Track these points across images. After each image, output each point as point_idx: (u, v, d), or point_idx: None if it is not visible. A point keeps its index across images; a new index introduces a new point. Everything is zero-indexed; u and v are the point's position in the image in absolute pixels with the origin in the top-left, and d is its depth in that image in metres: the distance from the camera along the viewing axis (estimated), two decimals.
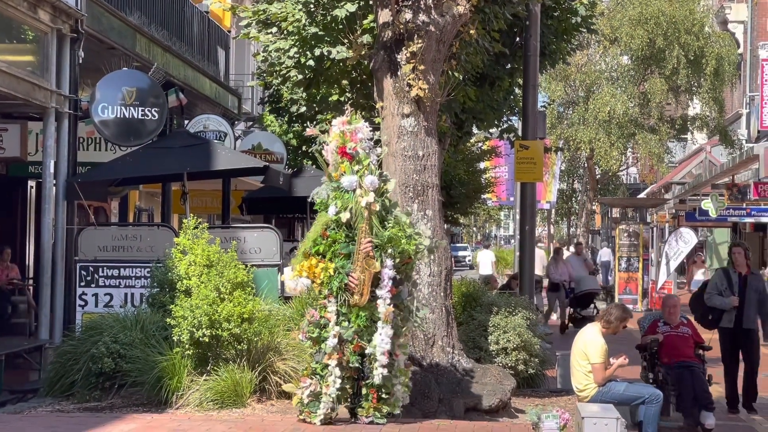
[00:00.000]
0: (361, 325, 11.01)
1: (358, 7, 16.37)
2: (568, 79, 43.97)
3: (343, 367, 11.08)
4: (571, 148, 45.25)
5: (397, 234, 11.03)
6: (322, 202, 11.34)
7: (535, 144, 21.82)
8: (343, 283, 11.01)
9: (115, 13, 19.38)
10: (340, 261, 11.08)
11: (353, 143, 11.26)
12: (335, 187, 11.27)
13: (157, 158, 18.05)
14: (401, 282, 11.25)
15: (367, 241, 10.99)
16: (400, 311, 11.18)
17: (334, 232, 11.18)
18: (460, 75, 15.38)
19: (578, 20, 21.79)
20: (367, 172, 11.19)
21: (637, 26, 42.11)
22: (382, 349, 10.98)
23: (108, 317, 13.67)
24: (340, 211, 11.12)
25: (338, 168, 11.32)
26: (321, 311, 11.17)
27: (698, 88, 43.91)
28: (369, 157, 11.30)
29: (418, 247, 11.20)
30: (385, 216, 11.17)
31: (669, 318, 14.36)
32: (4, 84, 15.81)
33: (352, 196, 11.10)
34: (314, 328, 11.22)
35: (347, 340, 11.05)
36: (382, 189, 11.23)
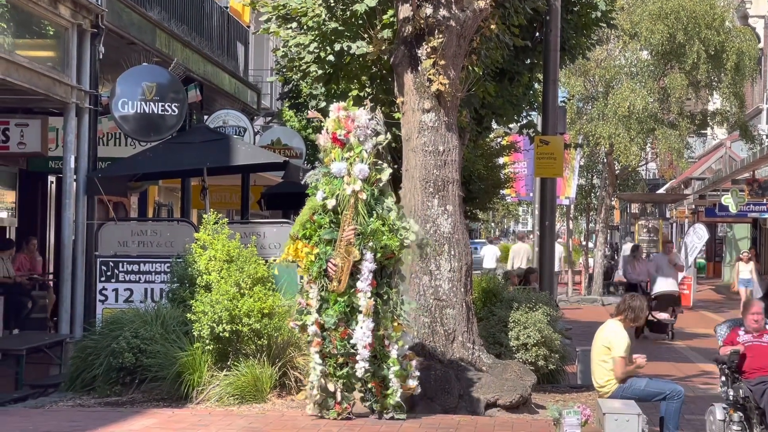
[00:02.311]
0: (340, 311, 11.01)
1: (378, 2, 16.36)
2: (587, 75, 43.82)
3: (328, 355, 11.07)
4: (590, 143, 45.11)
5: (379, 228, 11.01)
6: (313, 187, 11.37)
7: (555, 139, 21.79)
8: (323, 268, 11.02)
9: (135, 9, 19.41)
10: (322, 246, 11.08)
11: (344, 130, 11.26)
12: (326, 172, 11.29)
13: (177, 153, 18.08)
14: (390, 275, 11.25)
15: (350, 228, 10.99)
16: (384, 303, 11.15)
17: (320, 217, 11.20)
18: (480, 70, 15.37)
19: (598, 15, 21.76)
20: (358, 160, 11.17)
21: (657, 21, 41.97)
22: (364, 342, 10.97)
23: (128, 312, 13.70)
24: (327, 196, 11.14)
25: (330, 154, 11.34)
26: (305, 297, 11.21)
27: (718, 83, 43.76)
28: (362, 145, 11.26)
29: (402, 242, 11.16)
30: (374, 206, 11.14)
31: (751, 325, 12.63)
32: (24, 79, 15.84)
33: (340, 182, 11.10)
34: (300, 316, 11.26)
35: (331, 328, 11.05)
36: (373, 178, 11.20)
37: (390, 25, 15.43)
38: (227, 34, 26.62)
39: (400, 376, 11.25)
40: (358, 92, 17.36)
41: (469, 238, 14.18)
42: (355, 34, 16.95)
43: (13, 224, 24.35)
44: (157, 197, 30.21)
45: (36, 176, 23.14)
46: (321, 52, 17.47)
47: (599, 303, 39.86)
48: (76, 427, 10.78)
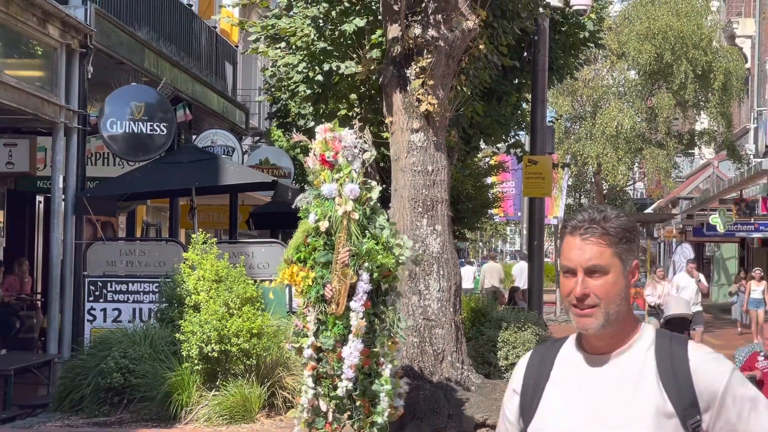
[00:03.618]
0: (340, 334, 11.01)
1: (367, 22, 16.40)
2: (575, 94, 43.95)
3: (323, 376, 11.06)
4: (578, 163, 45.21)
5: (374, 247, 10.99)
6: (305, 209, 11.36)
7: (543, 159, 21.82)
8: (320, 293, 11.02)
9: (123, 29, 19.43)
10: (319, 270, 11.07)
11: (332, 151, 11.26)
12: (316, 194, 11.28)
13: (166, 173, 18.08)
14: (385, 293, 11.24)
15: (345, 250, 10.97)
16: (381, 322, 11.14)
17: (314, 239, 11.18)
18: (469, 90, 15.40)
19: (586, 35, 21.85)
20: (348, 180, 11.17)
21: (644, 41, 42.12)
22: (349, 363, 10.95)
23: (117, 332, 13.68)
24: (319, 219, 11.11)
25: (319, 176, 11.34)
26: (302, 320, 11.20)
27: (706, 102, 43.92)
28: (351, 165, 11.27)
29: (398, 259, 11.16)
30: (367, 225, 11.14)
31: None
32: (13, 99, 15.84)
33: (331, 204, 11.10)
34: (297, 338, 11.25)
35: (328, 350, 11.05)
36: (364, 197, 11.19)
37: (378, 45, 15.47)
38: (216, 54, 26.66)
39: (390, 395, 11.23)
40: (346, 112, 17.40)
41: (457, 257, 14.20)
42: (344, 54, 16.98)
43: (0, 245, 24.32)
44: (146, 217, 30.19)
45: (24, 196, 23.10)
46: (310, 72, 17.49)
47: None
48: None
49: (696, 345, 3.32)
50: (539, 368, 3.32)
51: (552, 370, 3.30)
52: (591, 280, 3.21)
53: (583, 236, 3.25)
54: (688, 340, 3.31)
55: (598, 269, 3.22)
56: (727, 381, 3.21)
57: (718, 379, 3.21)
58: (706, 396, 3.19)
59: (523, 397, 3.31)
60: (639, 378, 3.20)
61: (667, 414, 3.15)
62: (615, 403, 3.17)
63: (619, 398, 3.17)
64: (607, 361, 3.24)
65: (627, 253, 3.28)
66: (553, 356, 3.33)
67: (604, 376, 3.22)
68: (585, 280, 3.21)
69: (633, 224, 3.32)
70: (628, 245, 3.28)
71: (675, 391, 3.16)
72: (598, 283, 3.21)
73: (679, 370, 3.20)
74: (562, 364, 3.30)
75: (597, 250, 3.23)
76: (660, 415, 3.15)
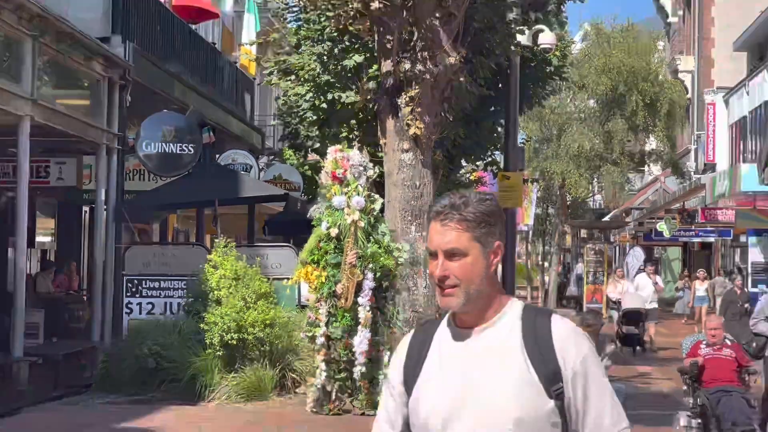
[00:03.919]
0: (347, 325, 11.00)
1: (364, 58, 16.42)
2: (543, 120, 43.90)
3: (332, 361, 11.04)
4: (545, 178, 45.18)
5: (377, 251, 11.02)
6: (318, 218, 11.37)
7: (515, 175, 21.80)
8: (332, 289, 11.01)
9: (157, 64, 19.41)
10: (330, 270, 11.07)
11: (342, 168, 11.28)
12: (328, 206, 11.29)
13: (193, 187, 18.05)
14: (386, 290, 11.23)
15: (353, 253, 10.98)
16: (382, 315, 11.14)
17: (326, 244, 11.19)
18: (451, 116, 15.38)
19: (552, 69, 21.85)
20: (355, 194, 11.19)
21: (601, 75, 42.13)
22: (361, 350, 10.96)
23: (150, 323, 13.66)
24: (330, 226, 11.13)
25: (330, 190, 11.35)
26: (315, 313, 11.19)
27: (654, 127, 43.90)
28: (357, 180, 11.28)
29: (398, 261, 11.19)
30: (371, 231, 11.14)
31: (710, 340, 12.00)
32: (63, 124, 15.82)
33: (341, 214, 11.10)
34: (310, 328, 11.23)
35: (337, 339, 11.04)
36: (368, 208, 11.21)
37: (374, 77, 15.46)
38: (236, 85, 26.62)
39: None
40: (347, 135, 17.40)
41: None
42: (345, 86, 16.99)
43: (53, 248, 24.30)
44: (176, 224, 30.11)
45: (72, 207, 23.06)
46: (315, 101, 17.51)
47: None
48: (105, 420, 10.73)
49: (559, 318, 3.13)
50: (420, 343, 3.15)
51: (431, 344, 3.12)
52: (451, 262, 3.02)
53: (443, 221, 3.05)
54: (553, 313, 3.14)
55: (457, 252, 3.02)
56: (584, 358, 3.04)
57: (576, 353, 3.03)
58: (568, 366, 3.02)
59: (406, 369, 3.14)
60: (505, 348, 3.02)
61: (531, 381, 2.98)
62: (483, 373, 3.00)
63: (487, 368, 3.00)
64: (475, 334, 3.06)
65: (487, 236, 3.06)
66: (433, 332, 3.14)
67: (472, 348, 3.04)
68: (445, 263, 3.02)
69: (493, 209, 3.11)
70: (488, 228, 3.06)
71: (539, 359, 3.00)
72: (457, 265, 3.01)
73: (543, 341, 3.03)
74: (439, 339, 3.11)
75: (455, 234, 3.03)
76: (524, 382, 2.98)
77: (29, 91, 14.44)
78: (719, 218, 36.08)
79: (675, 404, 15.25)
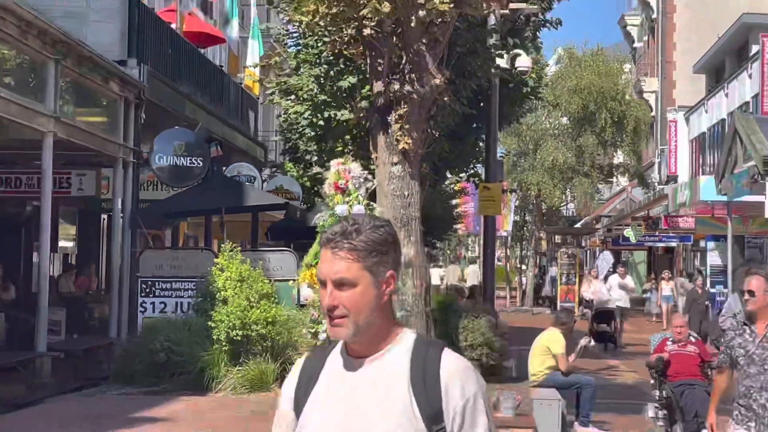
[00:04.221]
0: None
1: (358, 79, 16.41)
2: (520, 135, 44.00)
3: None
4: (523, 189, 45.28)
5: None
6: (322, 225, 11.36)
7: (495, 186, 21.84)
8: None
9: (169, 84, 19.39)
10: None
11: (344, 180, 11.27)
12: (331, 213, 11.27)
13: (201, 197, 18.03)
14: None
15: None
16: None
17: None
18: (437, 132, 15.39)
19: (528, 90, 21.88)
20: (356, 202, 11.18)
21: (573, 94, 42.25)
22: None
23: (162, 321, 13.63)
24: None
25: (333, 199, 11.34)
26: (317, 311, 11.16)
27: (621, 142, 44.03)
28: (358, 190, 11.28)
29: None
30: None
31: (677, 337, 12.02)
32: (83, 139, 15.80)
33: None
34: (313, 325, 11.21)
35: None
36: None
37: (367, 97, 15.44)
38: (241, 104, 26.60)
39: None
40: (342, 149, 17.40)
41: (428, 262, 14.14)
42: (340, 105, 16.98)
43: (74, 252, 24.28)
44: (186, 230, 30.07)
45: (91, 215, 23.03)
46: (313, 118, 17.49)
47: (530, 312, 39.85)
48: (121, 409, 10.69)
49: (451, 354, 2.78)
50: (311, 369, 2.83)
51: (321, 371, 2.80)
52: (340, 292, 2.70)
53: (333, 250, 2.72)
54: (445, 348, 2.79)
55: (346, 282, 2.69)
56: (469, 400, 2.69)
57: (461, 394, 2.69)
58: (450, 407, 2.68)
59: (297, 393, 2.84)
60: (392, 381, 2.69)
61: (412, 419, 2.65)
62: (366, 406, 2.68)
63: (371, 401, 2.68)
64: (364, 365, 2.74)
65: (378, 265, 2.72)
66: (324, 359, 2.83)
67: (360, 379, 2.72)
68: (334, 292, 2.70)
69: (387, 237, 2.76)
70: (380, 258, 2.73)
71: (423, 396, 2.66)
72: (346, 295, 2.69)
73: (430, 377, 2.69)
74: (329, 366, 2.80)
75: (345, 264, 2.70)
76: (405, 419, 2.65)
77: (52, 109, 14.43)
78: (681, 225, 36.13)
79: (640, 394, 15.27)
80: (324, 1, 12.21)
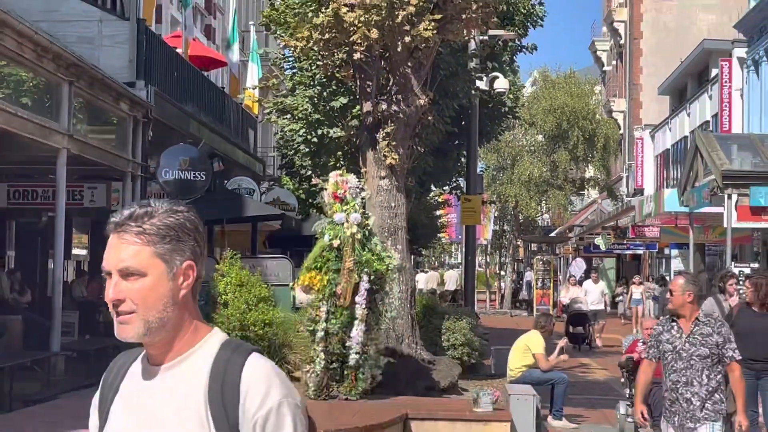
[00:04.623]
0: (344, 321, 10.98)
1: (348, 100, 16.45)
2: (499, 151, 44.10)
3: (329, 353, 11.01)
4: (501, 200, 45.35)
5: (371, 258, 11.03)
6: (321, 232, 11.35)
7: (475, 198, 21.88)
8: (333, 290, 11.00)
9: (174, 104, 19.38)
10: (331, 274, 11.06)
11: (343, 190, 11.28)
12: (330, 221, 11.27)
13: (204, 208, 17.96)
14: (377, 291, 11.22)
15: (351, 260, 10.97)
16: (373, 313, 11.13)
17: (328, 253, 11.16)
18: (422, 148, 15.43)
19: (506, 110, 21.92)
20: (353, 211, 11.19)
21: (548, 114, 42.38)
22: (357, 341, 10.94)
23: None
24: (332, 238, 11.10)
25: (332, 207, 11.34)
26: (315, 310, 11.15)
27: (592, 158, 44.16)
28: (355, 200, 11.30)
29: (389, 266, 11.19)
30: (365, 243, 11.15)
31: (647, 338, 11.23)
32: (95, 155, 15.79)
33: (341, 228, 11.09)
34: (311, 323, 11.20)
35: (333, 333, 11.01)
36: (364, 223, 11.22)
37: (357, 116, 15.49)
38: (241, 122, 26.59)
39: (375, 367, 11.22)
40: (335, 164, 17.42)
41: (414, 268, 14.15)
42: (333, 123, 17.01)
43: (86, 259, 24.23)
44: None
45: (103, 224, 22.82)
46: (308, 136, 17.51)
47: (508, 315, 39.89)
48: None
49: (257, 360, 2.21)
50: (114, 377, 2.36)
51: (122, 380, 2.32)
52: (127, 283, 2.18)
53: (120, 234, 2.22)
54: (253, 354, 2.22)
55: (134, 271, 2.17)
56: (271, 412, 2.15)
57: (262, 404, 2.15)
58: (248, 418, 2.15)
59: (101, 403, 2.37)
60: (189, 391, 2.18)
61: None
62: (161, 420, 2.18)
63: (167, 412, 2.18)
64: (161, 372, 2.22)
65: (172, 253, 2.19)
66: (128, 366, 2.33)
67: (156, 389, 2.21)
68: (119, 283, 2.19)
69: (185, 222, 2.24)
70: (175, 245, 2.19)
71: (220, 407, 2.15)
72: (134, 287, 2.17)
73: (230, 387, 2.16)
74: (130, 375, 2.30)
75: (132, 249, 2.18)
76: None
77: (66, 127, 14.42)
78: (647, 234, 36.26)
79: (609, 390, 15.30)
80: (317, 28, 12.25)
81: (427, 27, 12.05)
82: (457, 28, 12.96)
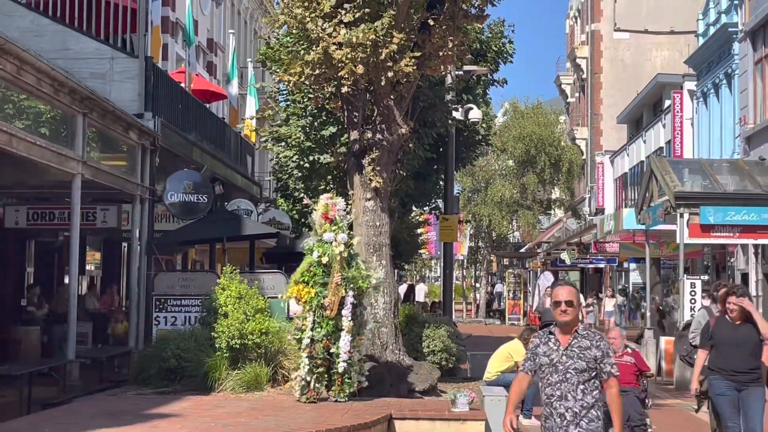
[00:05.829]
0: (329, 331, 10.96)
1: (337, 129, 16.48)
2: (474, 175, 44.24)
3: (313, 358, 10.98)
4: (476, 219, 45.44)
5: (355, 275, 11.04)
6: (309, 249, 11.34)
7: (452, 217, 21.93)
8: (320, 303, 10.99)
9: (179, 133, 19.32)
10: (318, 288, 11.04)
11: (332, 211, 11.29)
12: (318, 239, 11.26)
13: (206, 227, 17.97)
14: (358, 305, 11.23)
15: (338, 275, 10.96)
16: (356, 324, 11.12)
17: (315, 268, 11.15)
18: (404, 172, 15.46)
19: (480, 137, 21.98)
20: (341, 231, 11.19)
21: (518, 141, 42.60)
22: (345, 349, 10.93)
23: (173, 332, 13.51)
24: (321, 255, 11.09)
25: (321, 227, 11.33)
26: (302, 321, 11.13)
27: (558, 181, 44.37)
28: (342, 221, 11.31)
29: (370, 283, 11.22)
30: (350, 261, 11.16)
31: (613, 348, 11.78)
32: (107, 180, 15.74)
33: (329, 246, 11.08)
34: (298, 332, 11.18)
35: (318, 341, 10.99)
36: (349, 243, 11.24)
37: (345, 144, 15.52)
38: (240, 149, 26.54)
39: (360, 372, 11.20)
40: (325, 187, 17.43)
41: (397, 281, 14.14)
42: (323, 150, 17.04)
43: (99, 274, 24.13)
44: (194, 256, 29.93)
45: (114, 243, 22.90)
46: (300, 161, 17.54)
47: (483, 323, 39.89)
48: (137, 407, 10.60)
49: None
50: None
51: None
52: None
53: None
54: None
55: None
56: None
57: None
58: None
59: None
60: None
61: None
62: None
63: None
64: None
65: None
66: None
67: None
68: None
69: None
70: None
71: None
72: None
73: None
74: None
75: None
76: None
77: (81, 154, 14.38)
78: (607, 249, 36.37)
79: None
80: (308, 64, 12.29)
81: (408, 63, 12.10)
82: (435, 64, 13.02)
